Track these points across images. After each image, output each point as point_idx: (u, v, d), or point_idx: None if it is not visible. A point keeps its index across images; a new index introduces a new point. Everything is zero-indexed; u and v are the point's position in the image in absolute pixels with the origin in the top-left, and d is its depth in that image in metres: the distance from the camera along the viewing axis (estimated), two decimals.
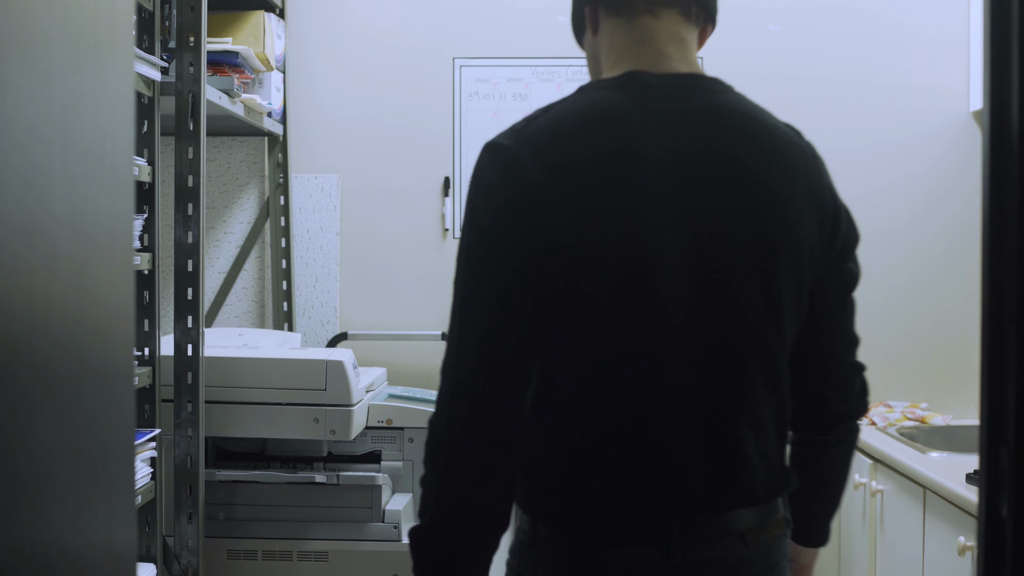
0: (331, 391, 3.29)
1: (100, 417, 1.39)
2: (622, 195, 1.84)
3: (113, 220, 1.43)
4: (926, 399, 4.50)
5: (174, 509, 3.23)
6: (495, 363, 1.85)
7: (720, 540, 1.92)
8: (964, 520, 3.14)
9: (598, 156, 1.85)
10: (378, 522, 3.37)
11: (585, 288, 1.84)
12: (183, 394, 3.20)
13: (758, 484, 1.96)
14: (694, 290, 1.86)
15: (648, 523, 1.89)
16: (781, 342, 1.97)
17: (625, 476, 1.88)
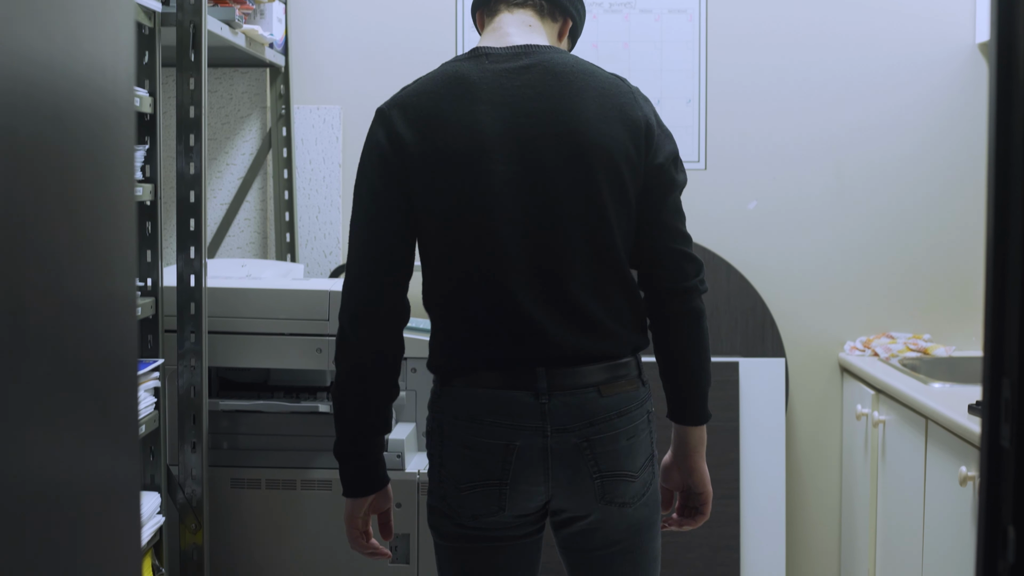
0: (334, 321, 3.29)
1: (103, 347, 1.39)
2: (463, 130, 2.51)
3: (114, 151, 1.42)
4: (929, 330, 4.50)
5: (178, 439, 3.24)
6: (376, 260, 2.59)
7: (579, 389, 2.56)
8: (966, 450, 3.16)
9: (444, 104, 2.54)
10: None
11: (438, 196, 2.53)
12: (186, 325, 3.20)
13: (608, 344, 2.57)
14: (526, 194, 2.50)
15: (521, 372, 2.54)
16: (609, 231, 2.54)
17: (497, 335, 2.54)
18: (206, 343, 3.22)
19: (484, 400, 2.56)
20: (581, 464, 2.57)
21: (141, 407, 2.92)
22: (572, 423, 2.56)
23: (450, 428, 2.58)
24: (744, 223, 4.50)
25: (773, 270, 4.51)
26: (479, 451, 2.55)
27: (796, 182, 4.50)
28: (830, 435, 4.52)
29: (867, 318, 4.52)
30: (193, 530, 3.24)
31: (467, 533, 2.60)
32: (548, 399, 2.55)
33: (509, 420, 2.56)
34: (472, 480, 2.56)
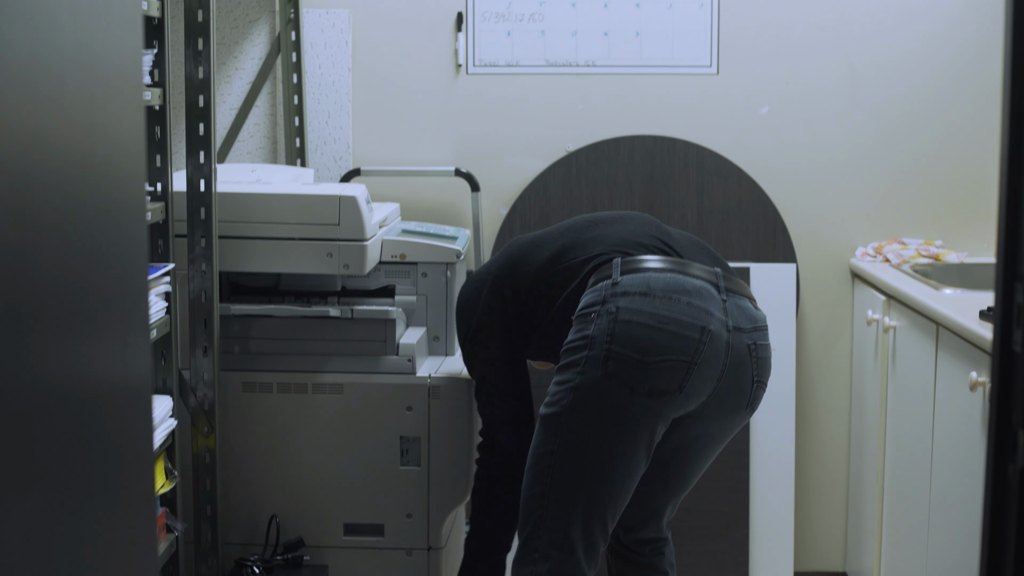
0: (344, 226, 3.29)
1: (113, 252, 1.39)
2: None
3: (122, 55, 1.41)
4: (941, 236, 4.49)
5: (189, 343, 3.25)
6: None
7: (743, 296, 2.88)
8: (976, 356, 3.16)
9: None
10: (392, 355, 3.40)
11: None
12: (196, 229, 3.20)
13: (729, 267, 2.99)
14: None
15: (702, 268, 2.86)
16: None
17: (670, 238, 2.99)
18: (216, 248, 3.22)
19: (678, 282, 2.81)
20: (748, 367, 2.85)
21: (152, 312, 2.93)
22: (745, 324, 2.86)
23: (634, 304, 2.78)
24: (756, 128, 4.47)
25: (785, 175, 4.49)
26: (675, 325, 2.76)
27: (807, 81, 4.46)
28: (840, 341, 4.53)
29: (879, 224, 4.51)
30: (205, 433, 3.26)
31: (632, 400, 2.77)
32: (727, 298, 2.84)
33: (702, 303, 2.80)
34: (662, 354, 2.75)
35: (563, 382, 2.83)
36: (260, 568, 3.24)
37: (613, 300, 2.81)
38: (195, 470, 3.28)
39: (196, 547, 3.30)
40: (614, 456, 2.81)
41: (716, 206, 4.41)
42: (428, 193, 4.47)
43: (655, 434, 2.82)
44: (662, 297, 2.79)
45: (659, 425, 2.82)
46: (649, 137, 4.43)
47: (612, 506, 2.84)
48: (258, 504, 3.42)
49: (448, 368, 3.46)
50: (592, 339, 2.79)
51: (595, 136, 4.45)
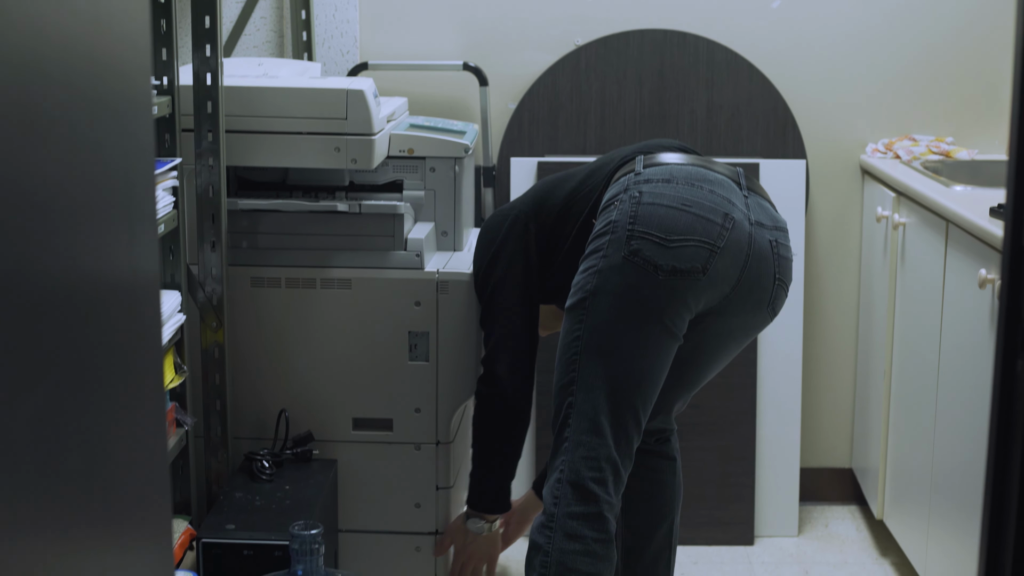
0: (352, 120, 3.27)
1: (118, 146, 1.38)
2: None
3: None
4: (952, 133, 4.46)
5: (197, 238, 3.25)
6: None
7: (763, 198, 2.96)
8: (986, 253, 3.15)
9: None
10: (400, 250, 3.39)
11: None
12: (203, 124, 3.18)
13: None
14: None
15: (724, 166, 2.96)
16: None
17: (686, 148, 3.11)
18: (223, 142, 3.21)
19: (700, 173, 2.90)
20: (770, 262, 2.90)
21: (159, 206, 2.92)
22: (766, 221, 2.91)
23: (657, 188, 2.85)
24: (767, 21, 4.43)
25: (796, 70, 4.45)
26: (698, 208, 2.81)
27: None
28: (850, 238, 4.52)
29: (890, 120, 4.48)
30: (214, 328, 3.26)
31: (656, 280, 2.80)
32: (748, 194, 2.91)
33: (724, 193, 2.86)
34: (684, 234, 2.80)
35: (587, 269, 2.86)
36: (270, 462, 3.26)
37: (636, 187, 2.85)
38: (204, 365, 3.29)
39: (206, 441, 3.32)
40: (639, 338, 2.82)
41: (726, 101, 4.38)
42: (436, 87, 4.44)
43: (679, 318, 2.83)
44: (684, 183, 2.84)
45: (682, 310, 2.82)
46: (659, 31, 4.39)
47: (641, 393, 2.84)
48: (267, 399, 3.44)
49: (456, 263, 3.45)
50: (615, 223, 2.82)
51: (604, 30, 4.41)
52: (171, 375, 3.05)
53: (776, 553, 4.24)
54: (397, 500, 3.46)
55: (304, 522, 2.74)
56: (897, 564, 4.10)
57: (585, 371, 2.84)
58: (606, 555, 2.84)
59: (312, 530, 2.71)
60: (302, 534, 2.71)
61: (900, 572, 4.05)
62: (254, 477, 3.24)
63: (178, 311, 3.06)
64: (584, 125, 4.37)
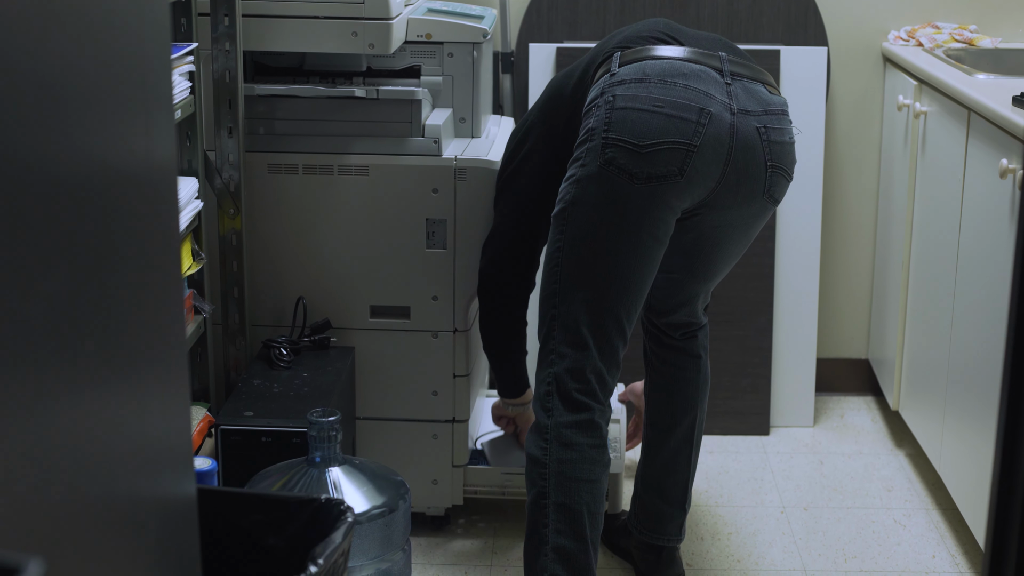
0: (369, 4, 3.23)
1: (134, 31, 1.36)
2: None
3: None
4: (975, 20, 4.40)
5: (214, 124, 3.23)
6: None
7: (753, 81, 2.86)
8: (1008, 143, 3.12)
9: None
10: (418, 136, 3.37)
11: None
12: (219, 7, 3.15)
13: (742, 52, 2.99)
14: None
15: (704, 53, 2.85)
16: None
17: (670, 27, 3.01)
18: (240, 26, 3.18)
19: (675, 67, 2.80)
20: (758, 150, 2.82)
21: (176, 91, 2.90)
22: (753, 107, 2.81)
23: (630, 91, 2.77)
24: None
25: None
26: (670, 107, 2.74)
27: None
28: (870, 127, 4.48)
29: (912, 6, 4.42)
30: (231, 215, 3.26)
31: (632, 188, 2.77)
32: (731, 81, 2.81)
33: (701, 86, 2.77)
34: (658, 137, 2.74)
35: (569, 177, 2.85)
36: (287, 349, 3.27)
37: (610, 90, 2.80)
38: (222, 252, 3.29)
39: (224, 328, 3.33)
40: (618, 246, 2.81)
41: None
42: None
43: (660, 222, 2.81)
44: (657, 82, 2.77)
45: (663, 213, 2.80)
46: None
47: (624, 301, 2.84)
48: (285, 286, 3.44)
49: (474, 151, 3.43)
50: (592, 131, 2.79)
51: None
52: (188, 262, 3.05)
53: (791, 443, 4.26)
54: (414, 388, 3.47)
55: (322, 409, 2.75)
56: (912, 455, 4.11)
57: (566, 282, 2.84)
58: (601, 459, 2.87)
59: (330, 417, 2.73)
60: (320, 421, 2.72)
61: (915, 463, 4.06)
62: (272, 364, 3.25)
63: (195, 198, 3.06)
64: (603, 10, 4.31)
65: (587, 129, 2.81)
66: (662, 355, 3.24)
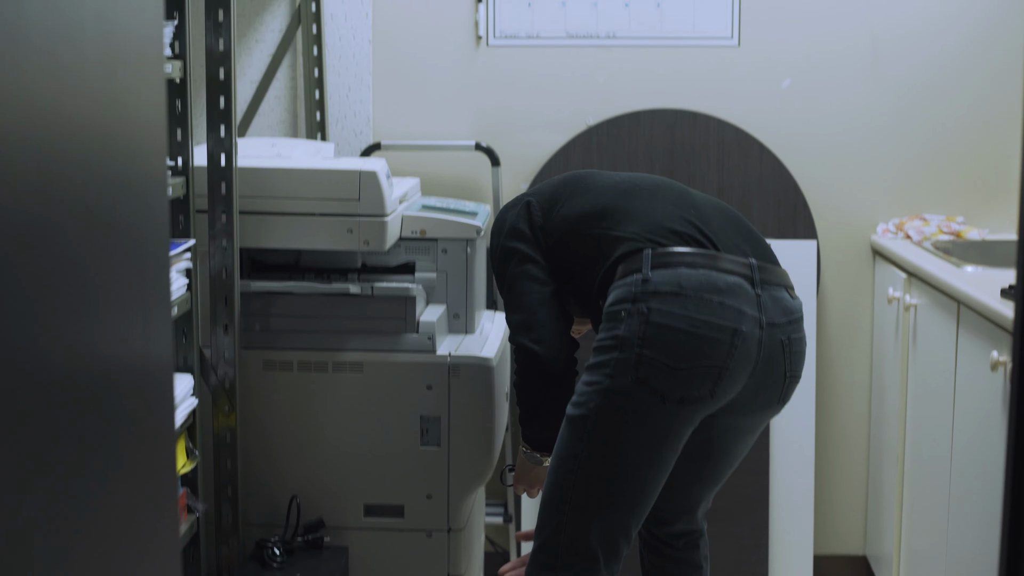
0: (364, 201, 3.27)
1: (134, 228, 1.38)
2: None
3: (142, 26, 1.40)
4: (962, 213, 4.46)
5: (210, 320, 3.24)
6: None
7: (779, 287, 2.78)
8: (998, 335, 3.13)
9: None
10: (412, 333, 3.38)
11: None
12: (217, 205, 3.19)
13: (771, 251, 2.92)
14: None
15: (737, 261, 2.73)
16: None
17: (710, 221, 2.86)
18: (237, 223, 3.21)
19: (711, 280, 2.70)
20: (781, 362, 2.77)
21: (173, 288, 2.91)
22: (780, 318, 2.76)
23: (666, 305, 2.68)
24: (777, 102, 4.44)
25: (806, 150, 4.46)
26: (706, 328, 2.66)
27: (829, 55, 4.43)
28: (861, 319, 4.50)
29: (900, 199, 4.48)
30: (226, 412, 3.25)
31: (663, 408, 2.69)
32: (761, 291, 2.73)
33: (735, 302, 2.69)
34: (691, 361, 2.66)
35: (592, 383, 2.73)
36: (280, 549, 3.24)
37: (644, 299, 2.69)
38: (216, 450, 3.27)
39: (217, 528, 3.29)
40: (640, 464, 2.73)
41: (737, 181, 4.38)
42: (448, 167, 4.46)
43: (683, 438, 2.75)
44: (694, 298, 2.67)
45: (688, 429, 2.74)
46: (669, 111, 4.40)
47: (636, 513, 2.77)
48: (279, 484, 3.41)
49: (468, 347, 3.44)
50: (623, 340, 2.68)
51: (615, 110, 4.43)
52: (183, 460, 3.03)
53: None
54: None
55: None
56: None
57: (580, 492, 2.75)
58: None
59: None
60: None
61: None
62: (265, 565, 3.21)
63: (190, 394, 3.05)
64: None
65: (615, 336, 2.70)
66: (662, 566, 3.14)
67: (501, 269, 3.04)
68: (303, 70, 4.40)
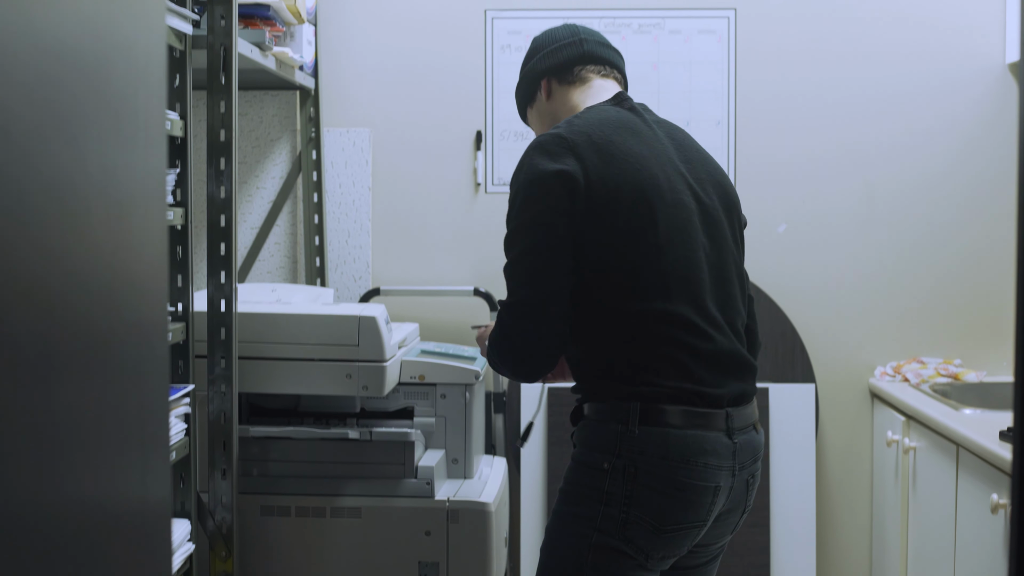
0: (364, 347, 3.29)
1: (135, 373, 1.39)
2: (644, 168, 2.66)
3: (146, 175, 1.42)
4: (960, 355, 4.47)
5: (208, 465, 3.24)
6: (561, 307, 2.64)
7: (749, 428, 2.71)
8: (997, 478, 3.13)
9: (623, 141, 2.67)
10: (411, 478, 3.37)
11: (618, 229, 2.61)
12: (216, 350, 3.20)
13: (755, 384, 2.77)
14: (707, 232, 2.70)
15: (715, 414, 2.63)
16: (742, 275, 2.81)
17: (691, 372, 2.64)
18: (236, 368, 3.22)
19: (697, 442, 2.63)
20: (744, 497, 2.75)
21: (172, 433, 2.92)
22: (748, 461, 2.73)
23: (652, 467, 2.61)
24: (773, 246, 4.48)
25: (803, 294, 4.49)
26: (691, 492, 2.62)
27: (825, 202, 4.49)
28: (861, 462, 4.49)
29: (897, 343, 4.50)
30: (223, 558, 3.23)
31: (645, 564, 2.65)
32: (736, 438, 2.68)
33: (717, 460, 2.65)
34: (679, 522, 2.63)
35: (579, 535, 2.66)
36: None
37: (630, 457, 2.61)
38: None
39: None
40: None
41: None
42: (447, 312, 4.48)
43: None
44: (679, 460, 2.61)
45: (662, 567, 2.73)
46: None
47: None
48: None
49: (467, 491, 3.43)
50: (609, 496, 2.62)
51: None
52: None
53: None
54: None
55: None
56: None
57: None
58: None
59: None
60: None
61: None
62: None
63: (187, 540, 3.04)
64: None
65: (599, 490, 2.63)
66: None
67: (525, 208, 2.66)
68: (303, 216, 4.45)
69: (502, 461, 3.95)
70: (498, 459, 3.99)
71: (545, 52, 2.96)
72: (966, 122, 4.47)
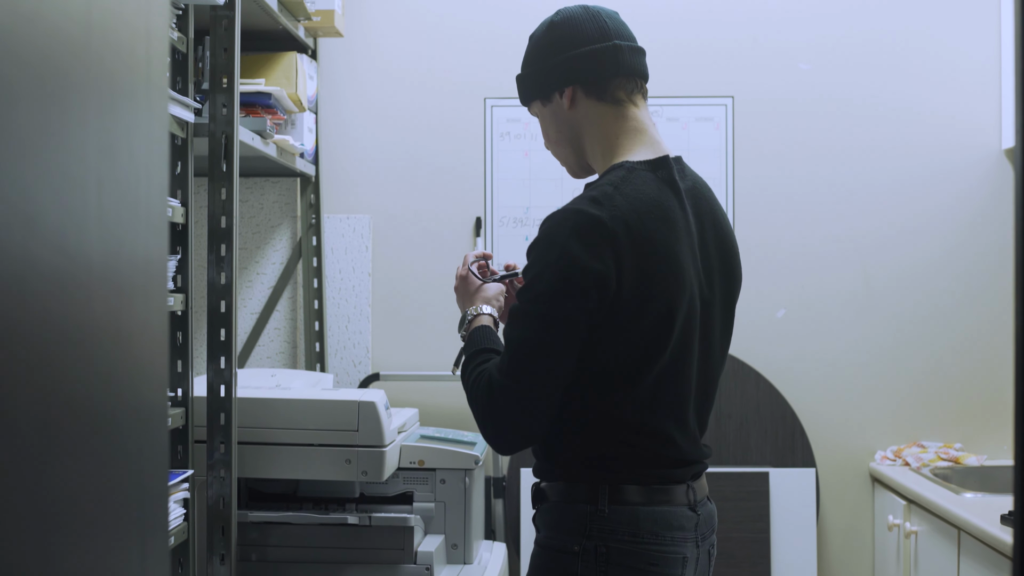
0: (363, 432, 3.29)
1: (135, 458, 1.39)
2: (671, 258, 2.51)
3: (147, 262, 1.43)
4: (960, 439, 4.47)
5: (207, 550, 3.23)
6: (555, 390, 2.53)
7: (706, 501, 2.71)
8: (999, 561, 3.12)
9: (655, 230, 2.49)
10: (410, 563, 3.36)
11: (640, 320, 2.50)
12: (216, 435, 3.20)
13: (707, 461, 2.76)
14: (706, 321, 2.63)
15: (679, 487, 2.62)
16: (723, 357, 2.77)
17: (668, 449, 2.61)
18: (235, 453, 3.22)
19: (664, 518, 2.62)
20: (706, 570, 2.73)
21: (171, 518, 2.91)
22: (708, 531, 2.72)
23: (622, 545, 2.58)
24: (772, 331, 4.49)
25: (802, 379, 4.49)
26: (664, 566, 2.60)
27: (824, 289, 4.51)
28: (862, 546, 4.48)
29: (898, 427, 4.50)
30: None
31: None
32: (699, 510, 2.67)
33: (683, 533, 2.64)
34: None
35: None
36: None
37: (600, 537, 2.57)
38: None
39: None
40: None
41: (734, 410, 4.40)
42: (447, 398, 4.48)
43: None
44: (649, 534, 2.59)
45: None
46: None
47: None
48: None
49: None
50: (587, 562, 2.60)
51: None
52: None
53: None
54: None
55: None
56: None
57: None
58: None
59: None
60: None
61: None
62: None
63: None
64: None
65: (571, 574, 2.59)
66: None
67: (551, 300, 2.51)
68: (303, 301, 4.46)
69: (502, 546, 3.93)
70: (498, 544, 3.97)
71: (574, 55, 2.63)
72: (963, 208, 4.50)
